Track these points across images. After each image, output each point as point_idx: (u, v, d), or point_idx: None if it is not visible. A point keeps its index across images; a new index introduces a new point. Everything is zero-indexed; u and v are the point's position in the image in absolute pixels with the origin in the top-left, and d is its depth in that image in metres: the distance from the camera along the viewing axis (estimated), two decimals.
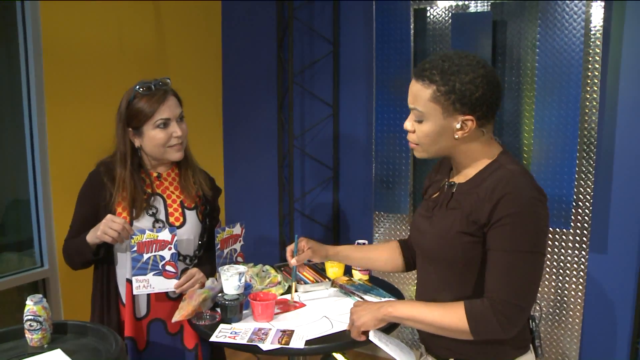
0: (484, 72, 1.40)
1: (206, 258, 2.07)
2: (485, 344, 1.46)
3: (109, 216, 1.85)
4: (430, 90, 1.41)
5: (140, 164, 2.00)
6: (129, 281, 1.91)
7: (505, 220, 1.37)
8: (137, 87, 1.92)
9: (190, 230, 2.02)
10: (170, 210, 2.00)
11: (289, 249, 1.91)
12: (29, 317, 1.59)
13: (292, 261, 1.88)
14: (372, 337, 1.60)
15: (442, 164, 1.66)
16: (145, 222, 1.95)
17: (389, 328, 1.80)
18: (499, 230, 1.38)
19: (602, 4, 2.65)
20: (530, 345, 1.56)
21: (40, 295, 1.63)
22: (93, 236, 1.87)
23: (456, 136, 1.43)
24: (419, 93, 1.44)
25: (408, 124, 1.50)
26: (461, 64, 1.40)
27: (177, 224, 1.99)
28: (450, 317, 1.43)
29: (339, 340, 1.72)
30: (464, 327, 1.41)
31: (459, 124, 1.42)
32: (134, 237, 1.85)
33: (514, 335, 1.43)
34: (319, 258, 1.92)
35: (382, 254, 1.90)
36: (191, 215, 2.03)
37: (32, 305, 1.60)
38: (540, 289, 2.93)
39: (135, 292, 1.88)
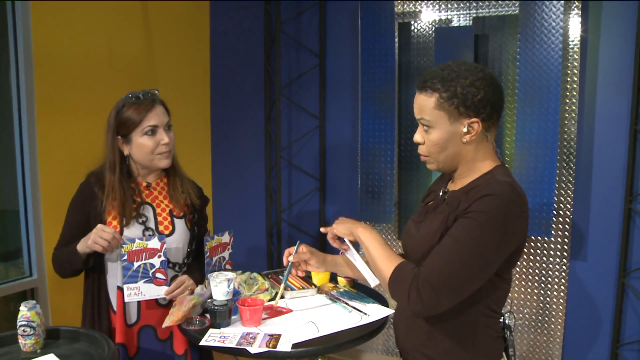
0: (483, 75, 1.45)
1: (195, 265, 2.11)
2: (456, 351, 1.50)
3: (99, 226, 1.88)
4: (434, 98, 1.45)
5: (129, 172, 2.04)
6: (120, 289, 1.94)
7: (474, 215, 1.39)
8: (126, 96, 1.97)
9: (179, 238, 2.05)
10: (159, 218, 2.04)
11: (288, 250, 1.90)
12: (23, 323, 1.62)
13: (290, 258, 1.87)
14: (348, 253, 1.78)
15: (443, 175, 1.68)
16: (135, 230, 1.98)
17: (376, 330, 1.87)
18: (463, 220, 1.42)
19: (579, 19, 2.74)
20: (504, 354, 1.57)
21: (34, 302, 1.66)
22: (84, 246, 1.89)
23: (464, 140, 1.46)
24: (424, 103, 1.48)
25: (418, 136, 1.53)
26: (460, 69, 1.45)
27: (167, 232, 2.03)
28: (385, 263, 1.51)
29: (324, 344, 1.76)
30: (387, 276, 1.49)
31: (466, 128, 1.45)
32: (124, 245, 1.88)
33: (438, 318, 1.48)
34: (316, 261, 1.89)
35: None
36: (180, 224, 2.07)
37: (25, 311, 1.63)
38: (522, 296, 3.01)
39: (126, 299, 1.91)
